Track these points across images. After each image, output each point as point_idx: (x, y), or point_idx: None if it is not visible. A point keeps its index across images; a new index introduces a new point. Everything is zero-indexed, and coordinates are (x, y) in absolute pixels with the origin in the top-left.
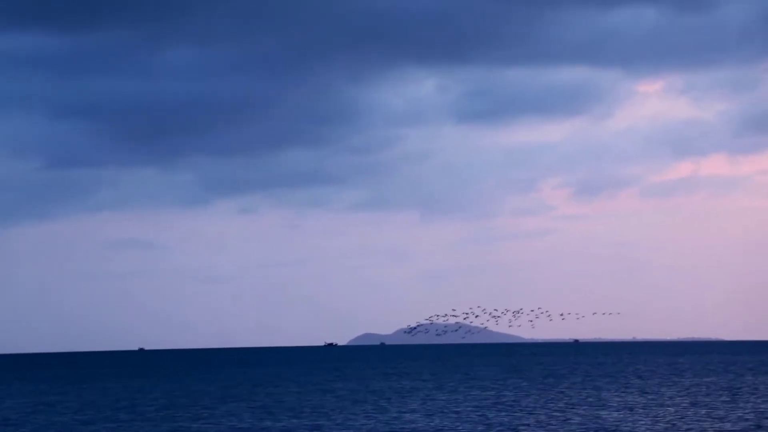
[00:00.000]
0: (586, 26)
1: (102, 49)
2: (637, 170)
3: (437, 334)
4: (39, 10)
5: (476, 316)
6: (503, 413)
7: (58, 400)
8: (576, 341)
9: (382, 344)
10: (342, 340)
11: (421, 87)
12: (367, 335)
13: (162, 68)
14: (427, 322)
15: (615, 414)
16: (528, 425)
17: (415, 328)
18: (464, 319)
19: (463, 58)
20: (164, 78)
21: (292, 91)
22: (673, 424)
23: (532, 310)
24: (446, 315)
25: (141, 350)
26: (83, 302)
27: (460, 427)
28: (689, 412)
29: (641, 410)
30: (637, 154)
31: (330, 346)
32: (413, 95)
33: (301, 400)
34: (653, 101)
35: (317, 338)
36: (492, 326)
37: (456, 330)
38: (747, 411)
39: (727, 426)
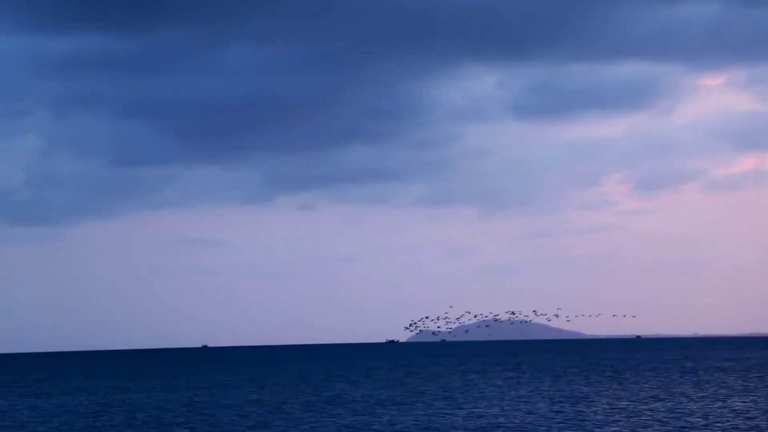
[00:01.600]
0: (648, 21)
1: (166, 48)
2: (700, 165)
3: (485, 329)
4: (104, 10)
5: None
6: (593, 409)
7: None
8: (638, 337)
9: (443, 341)
10: (402, 337)
11: (482, 83)
12: (426, 332)
13: (225, 66)
14: (431, 321)
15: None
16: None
17: (415, 324)
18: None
19: (524, 54)
20: (227, 76)
21: (354, 88)
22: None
23: (559, 309)
24: (445, 316)
25: (204, 347)
26: (147, 299)
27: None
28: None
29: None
30: (700, 149)
31: (391, 343)
32: (474, 91)
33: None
34: (716, 95)
35: (378, 335)
36: (552, 322)
37: (512, 323)
38: None
39: None
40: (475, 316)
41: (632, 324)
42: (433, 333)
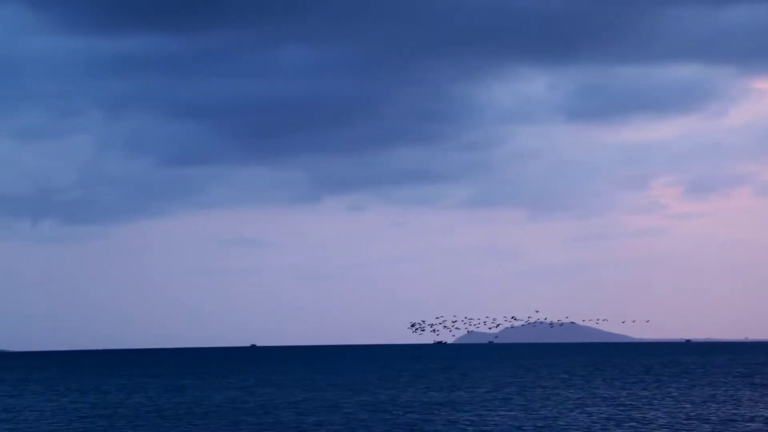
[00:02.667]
0: (700, 23)
1: (216, 49)
2: (751, 168)
3: (518, 330)
4: (156, 11)
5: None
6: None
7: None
8: (688, 341)
9: (490, 342)
10: (449, 338)
11: (532, 85)
12: (473, 333)
13: (274, 67)
14: (437, 321)
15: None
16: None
17: (418, 324)
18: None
19: (574, 56)
20: (276, 77)
21: (404, 89)
22: None
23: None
24: (441, 318)
25: (253, 346)
26: (196, 298)
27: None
28: None
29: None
30: (751, 152)
31: (439, 344)
32: (523, 93)
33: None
34: None
35: (425, 336)
36: (602, 325)
37: (560, 325)
38: None
39: None
40: (513, 318)
41: (682, 327)
42: (468, 331)
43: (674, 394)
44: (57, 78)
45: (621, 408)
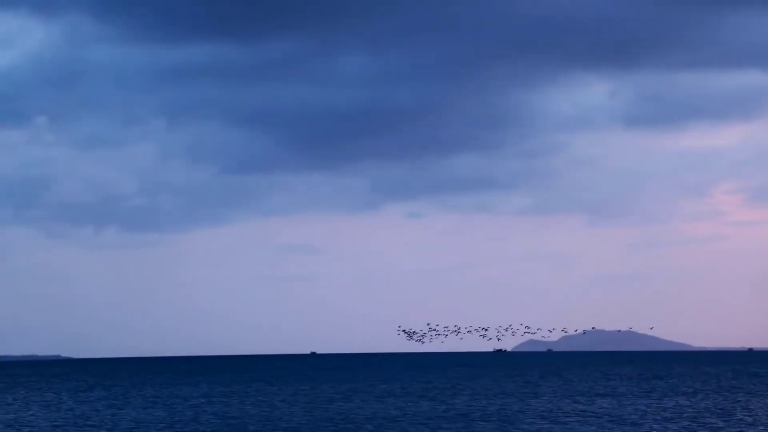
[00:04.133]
0: (761, 29)
1: (277, 57)
2: None
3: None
4: (218, 21)
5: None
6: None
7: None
8: (750, 349)
9: (549, 351)
10: (508, 346)
11: (591, 92)
12: (531, 341)
13: (335, 76)
14: (445, 328)
15: None
16: None
17: (419, 332)
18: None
19: (634, 63)
20: (337, 85)
21: (462, 97)
22: None
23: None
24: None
25: (313, 354)
26: (256, 306)
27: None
28: None
29: None
30: None
31: (499, 352)
32: (582, 100)
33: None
34: None
35: (486, 344)
36: (661, 333)
37: (619, 332)
38: None
39: None
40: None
41: (743, 335)
42: (514, 332)
43: None
44: (121, 87)
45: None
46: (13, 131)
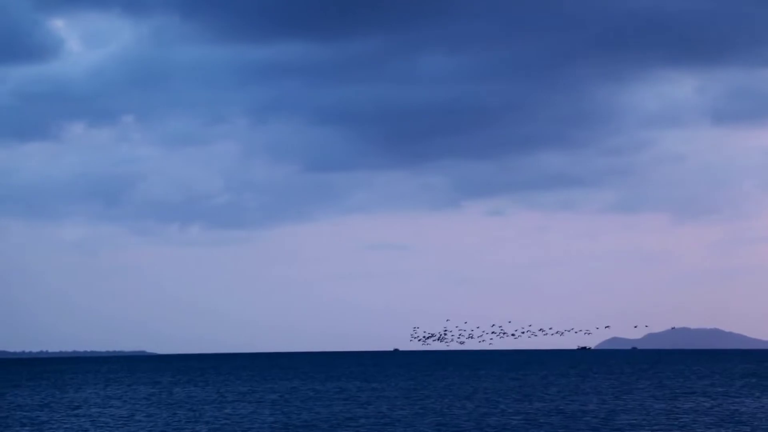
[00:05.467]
0: None
1: (358, 56)
2: None
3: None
4: (300, 19)
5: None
6: None
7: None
8: None
9: (634, 348)
10: (591, 344)
11: (678, 88)
12: (615, 339)
13: (416, 74)
14: (453, 329)
15: None
16: None
17: (426, 333)
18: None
19: (722, 59)
20: (418, 83)
21: (545, 94)
22: None
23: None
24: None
25: (396, 351)
26: (339, 302)
27: None
28: None
29: None
30: None
31: (583, 350)
32: (669, 96)
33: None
34: None
35: (570, 341)
36: (747, 331)
37: (704, 331)
38: None
39: None
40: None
41: None
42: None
43: None
44: (205, 85)
45: None
46: (103, 129)
